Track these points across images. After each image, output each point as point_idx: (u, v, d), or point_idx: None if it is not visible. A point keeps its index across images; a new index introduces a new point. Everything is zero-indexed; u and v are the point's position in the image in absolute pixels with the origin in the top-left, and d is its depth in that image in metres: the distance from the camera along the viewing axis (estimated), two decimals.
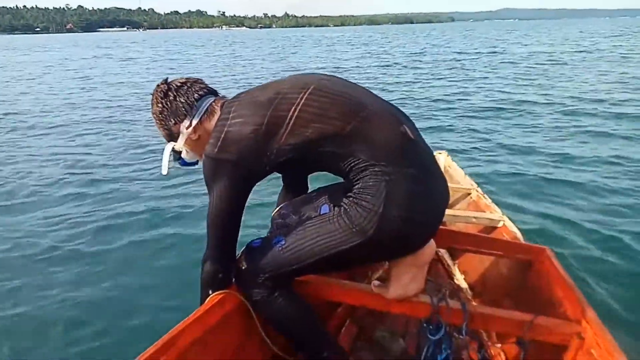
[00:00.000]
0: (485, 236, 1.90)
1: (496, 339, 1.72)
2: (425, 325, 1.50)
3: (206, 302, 1.38)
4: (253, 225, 2.82)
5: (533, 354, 1.46)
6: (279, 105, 1.27)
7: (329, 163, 1.31)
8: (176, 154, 1.48)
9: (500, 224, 2.03)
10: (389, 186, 1.21)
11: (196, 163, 1.52)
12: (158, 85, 1.46)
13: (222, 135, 1.28)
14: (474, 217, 2.05)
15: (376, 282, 1.49)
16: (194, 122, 1.41)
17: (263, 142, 1.26)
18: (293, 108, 1.26)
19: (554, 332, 1.39)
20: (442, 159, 2.75)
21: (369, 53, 22.94)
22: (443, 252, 2.17)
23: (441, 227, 2.06)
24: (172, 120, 1.43)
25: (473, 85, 10.87)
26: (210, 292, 1.41)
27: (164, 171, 1.47)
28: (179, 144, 1.44)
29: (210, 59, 21.71)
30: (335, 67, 15.75)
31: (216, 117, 1.39)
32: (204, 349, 1.29)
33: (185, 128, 1.41)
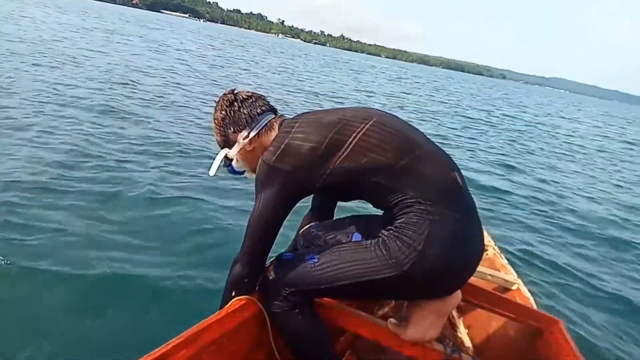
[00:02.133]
0: (500, 295, 1.91)
1: None
2: None
3: (228, 305, 1.43)
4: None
5: None
6: (341, 129, 1.35)
7: (375, 194, 1.36)
8: (227, 161, 1.56)
9: (514, 287, 2.03)
10: (432, 226, 1.26)
11: (242, 173, 1.60)
12: (225, 94, 1.56)
13: (283, 146, 1.35)
14: (490, 275, 2.05)
15: (393, 321, 1.51)
16: (252, 134, 1.49)
17: (319, 160, 1.33)
18: (354, 135, 1.33)
19: None
20: None
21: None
22: None
23: None
24: (231, 128, 1.52)
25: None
26: (233, 294, 1.46)
27: (212, 172, 1.55)
28: (233, 152, 1.53)
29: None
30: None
31: (273, 133, 1.48)
32: (218, 351, 1.34)
33: (242, 138, 1.50)
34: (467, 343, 2.00)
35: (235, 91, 1.57)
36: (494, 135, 12.24)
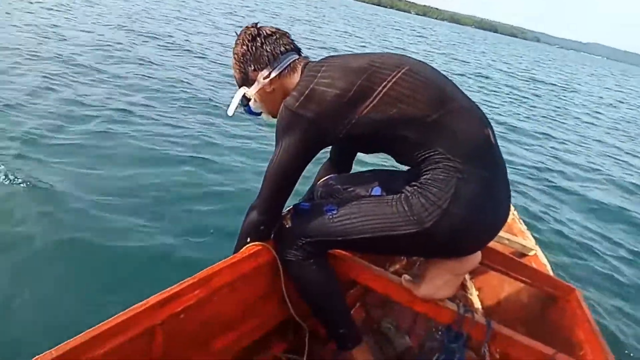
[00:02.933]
0: (516, 260, 1.88)
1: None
2: (443, 330, 1.51)
3: (242, 250, 1.42)
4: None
5: None
6: (370, 76, 1.26)
7: (401, 148, 1.30)
8: (245, 100, 1.48)
9: (531, 253, 2.00)
10: (459, 184, 1.20)
11: (260, 114, 1.53)
12: (247, 27, 1.46)
13: (307, 92, 1.28)
14: (507, 239, 2.01)
15: (407, 277, 1.49)
16: (273, 74, 1.41)
17: (345, 109, 1.26)
18: (384, 83, 1.25)
19: None
20: None
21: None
22: None
23: None
24: (252, 65, 1.43)
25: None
26: (248, 240, 1.45)
27: (230, 112, 1.49)
28: (251, 92, 1.45)
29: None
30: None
31: (296, 75, 1.40)
32: (230, 293, 1.36)
33: (263, 78, 1.41)
34: (477, 304, 2.00)
35: (259, 25, 1.47)
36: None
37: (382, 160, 1.44)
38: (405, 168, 1.40)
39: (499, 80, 14.74)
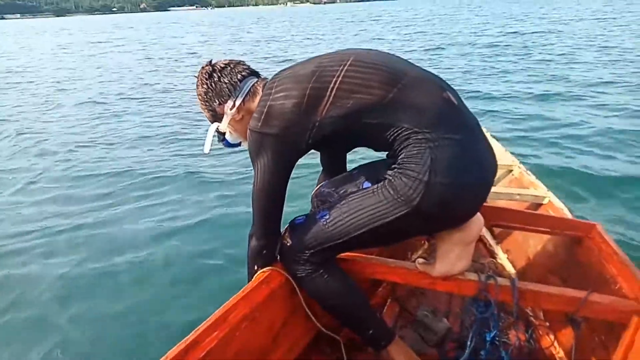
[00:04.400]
0: (531, 212, 1.83)
1: (544, 318, 1.67)
2: (471, 303, 1.48)
3: (253, 279, 1.42)
4: (294, 207, 2.88)
5: (585, 333, 1.42)
6: (319, 77, 1.28)
7: (371, 135, 1.30)
8: (220, 135, 1.52)
9: (545, 201, 1.94)
10: (433, 153, 1.19)
11: (239, 144, 1.56)
12: (203, 67, 1.50)
13: (266, 110, 1.30)
14: (518, 194, 1.96)
15: (420, 260, 1.48)
16: (238, 102, 1.43)
17: (305, 114, 1.27)
18: (334, 80, 1.26)
19: (611, 310, 1.34)
20: None
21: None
22: (484, 230, 2.11)
23: (485, 204, 2.00)
24: (216, 101, 1.46)
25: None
26: (256, 268, 1.46)
27: (206, 149, 1.51)
28: (223, 125, 1.48)
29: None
30: None
31: (259, 97, 1.41)
32: (252, 325, 1.34)
33: (229, 109, 1.44)
34: (509, 267, 1.95)
35: (213, 62, 1.51)
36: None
37: (370, 157, 1.44)
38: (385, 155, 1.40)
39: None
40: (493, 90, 7.14)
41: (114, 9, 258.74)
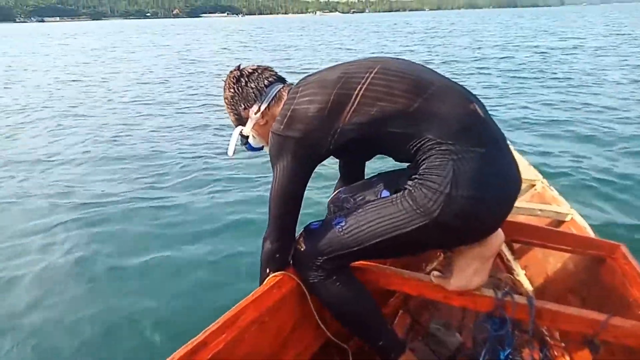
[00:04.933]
0: (552, 229, 1.78)
1: (559, 339, 1.62)
2: (486, 319, 1.44)
3: (264, 283, 1.41)
4: (310, 213, 2.90)
5: (604, 357, 1.37)
6: (345, 84, 1.28)
7: (393, 144, 1.29)
8: (244, 138, 1.53)
9: (568, 218, 1.88)
10: (456, 165, 1.17)
11: (262, 148, 1.56)
12: (231, 72, 1.52)
13: (289, 113, 1.31)
14: (540, 210, 1.91)
15: (436, 273, 1.45)
16: (263, 107, 1.45)
17: (328, 120, 1.27)
18: (359, 87, 1.26)
19: (632, 335, 1.28)
20: None
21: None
22: (502, 245, 2.06)
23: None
24: (242, 105, 1.49)
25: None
26: (268, 271, 1.45)
27: (230, 153, 1.52)
28: (247, 129, 1.49)
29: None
30: None
31: (283, 102, 1.41)
32: (260, 329, 1.33)
33: (254, 113, 1.46)
34: (527, 284, 1.90)
35: (241, 67, 1.54)
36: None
37: (389, 165, 1.42)
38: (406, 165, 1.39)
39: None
40: (517, 104, 7.04)
41: (148, 14, 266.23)
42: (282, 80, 1.53)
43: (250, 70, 1.50)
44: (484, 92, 7.96)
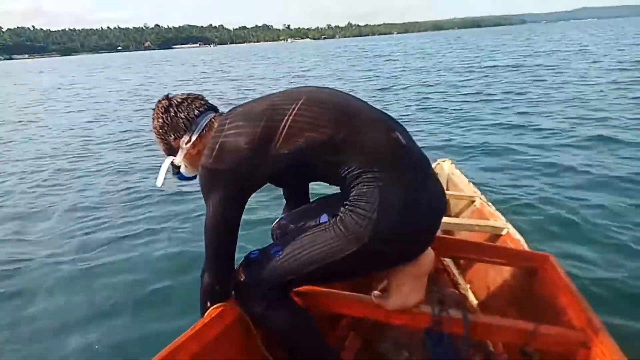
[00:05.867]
0: (488, 244, 1.86)
1: (502, 349, 1.67)
2: (425, 336, 1.49)
3: (205, 315, 1.39)
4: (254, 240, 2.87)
5: None
6: (272, 116, 1.29)
7: (323, 172, 1.32)
8: (175, 168, 1.51)
9: (504, 232, 1.96)
10: (382, 191, 1.21)
11: (194, 177, 1.54)
12: (159, 101, 1.50)
13: (217, 146, 1.30)
14: (477, 225, 1.99)
15: (376, 293, 1.48)
16: (194, 137, 1.43)
17: (257, 152, 1.28)
18: (286, 118, 1.28)
19: (559, 342, 1.35)
20: (446, 166, 2.70)
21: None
22: (448, 261, 2.13)
23: (445, 235, 2.03)
24: (172, 135, 1.46)
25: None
26: (208, 305, 1.42)
27: (159, 183, 1.50)
28: (178, 159, 1.48)
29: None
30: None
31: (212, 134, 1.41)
32: None
33: (185, 143, 1.44)
34: (471, 298, 1.96)
35: (170, 96, 1.52)
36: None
37: (333, 188, 1.47)
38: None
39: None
40: (458, 122, 7.27)
41: (119, 47, 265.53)
42: (213, 109, 1.52)
43: (179, 100, 1.48)
44: (421, 115, 8.18)
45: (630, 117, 6.42)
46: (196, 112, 1.46)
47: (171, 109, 1.47)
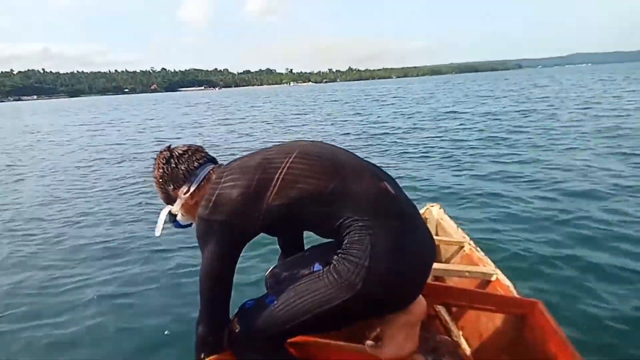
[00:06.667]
0: (478, 291, 1.88)
1: None
2: None
3: None
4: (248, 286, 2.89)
5: None
6: (266, 169, 1.36)
7: (315, 222, 1.37)
8: (172, 216, 1.56)
9: (493, 278, 1.98)
10: (373, 239, 1.25)
11: (190, 225, 1.59)
12: (161, 152, 1.57)
13: (214, 198, 1.36)
14: (467, 272, 2.02)
15: (370, 343, 1.48)
16: (192, 188, 1.50)
17: (251, 203, 1.33)
18: (279, 172, 1.34)
19: None
20: (435, 211, 2.74)
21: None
22: (440, 308, 2.14)
23: (436, 282, 2.05)
24: (171, 185, 1.53)
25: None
26: (202, 355, 1.43)
27: (157, 233, 1.55)
28: (175, 208, 1.53)
29: None
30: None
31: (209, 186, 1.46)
32: None
33: (183, 194, 1.50)
34: (464, 345, 1.96)
35: (172, 147, 1.58)
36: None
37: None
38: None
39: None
40: (449, 167, 7.33)
41: (126, 90, 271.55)
42: (213, 160, 1.58)
43: (180, 152, 1.55)
44: (408, 159, 8.29)
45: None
46: (196, 164, 1.53)
47: (172, 160, 1.53)
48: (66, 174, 9.08)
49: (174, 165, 1.53)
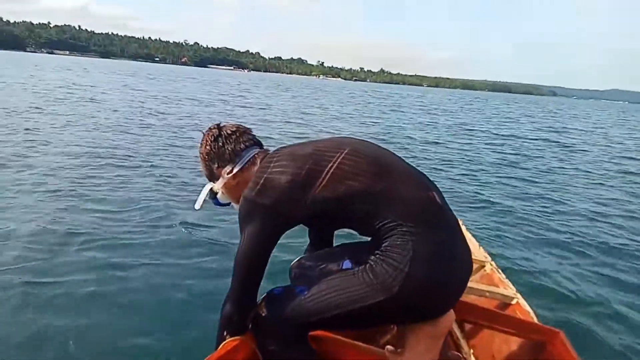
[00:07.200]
0: (500, 312, 1.88)
1: None
2: None
3: (220, 347, 1.42)
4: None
5: None
6: (317, 160, 1.37)
7: (358, 220, 1.38)
8: (212, 194, 1.60)
9: (513, 302, 1.98)
10: (415, 246, 1.26)
11: (228, 204, 1.62)
12: (210, 129, 1.59)
13: (262, 181, 1.38)
14: (488, 292, 2.01)
15: (390, 348, 1.49)
16: (235, 169, 1.53)
17: (298, 192, 1.35)
18: (330, 165, 1.36)
19: None
20: None
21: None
22: (453, 324, 2.13)
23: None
24: (216, 163, 1.56)
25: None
26: (225, 334, 1.46)
27: (197, 206, 1.60)
28: (217, 186, 1.56)
29: None
30: None
31: (256, 167, 1.49)
32: None
33: (227, 173, 1.53)
34: None
35: (221, 125, 1.60)
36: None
37: (355, 235, 1.51)
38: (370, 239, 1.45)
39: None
40: (472, 184, 7.32)
41: (157, 59, 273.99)
42: (259, 144, 1.60)
43: (229, 131, 1.56)
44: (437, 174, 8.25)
45: None
46: (242, 145, 1.55)
47: (220, 139, 1.55)
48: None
49: (221, 144, 1.55)
